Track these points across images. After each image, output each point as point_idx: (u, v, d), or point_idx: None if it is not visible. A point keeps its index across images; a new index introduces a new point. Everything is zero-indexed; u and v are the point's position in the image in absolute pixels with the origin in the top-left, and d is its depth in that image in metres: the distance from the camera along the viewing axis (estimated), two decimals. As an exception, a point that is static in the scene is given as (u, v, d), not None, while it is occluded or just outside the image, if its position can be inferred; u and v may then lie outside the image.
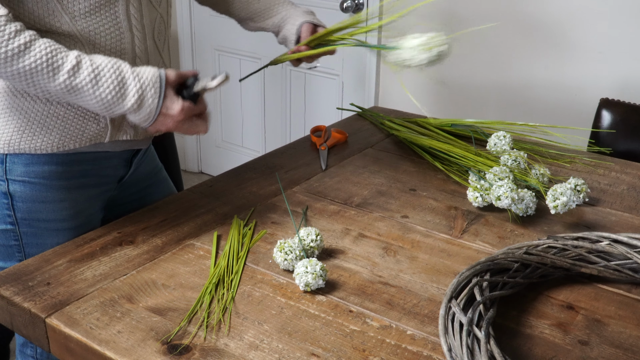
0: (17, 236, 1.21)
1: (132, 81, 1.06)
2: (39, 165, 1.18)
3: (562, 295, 1.01)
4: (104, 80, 1.05)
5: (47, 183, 1.19)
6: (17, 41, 1.01)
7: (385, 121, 1.68)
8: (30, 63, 1.02)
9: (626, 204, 1.31)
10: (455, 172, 1.40)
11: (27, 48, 1.02)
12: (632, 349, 0.89)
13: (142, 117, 1.08)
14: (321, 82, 2.81)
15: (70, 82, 1.04)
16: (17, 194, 1.18)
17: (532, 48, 2.21)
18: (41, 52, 1.02)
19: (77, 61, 1.04)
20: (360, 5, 2.54)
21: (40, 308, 0.94)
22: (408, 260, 1.09)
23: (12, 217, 1.20)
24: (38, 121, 1.15)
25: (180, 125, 1.11)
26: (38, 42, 1.03)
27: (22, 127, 1.15)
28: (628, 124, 1.78)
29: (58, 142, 1.16)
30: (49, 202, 1.20)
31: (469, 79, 2.38)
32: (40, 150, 1.16)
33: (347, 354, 0.87)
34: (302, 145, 1.58)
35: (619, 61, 2.07)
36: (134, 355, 0.86)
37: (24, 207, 1.19)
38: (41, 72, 1.03)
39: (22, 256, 1.23)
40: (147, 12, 1.20)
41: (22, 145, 1.16)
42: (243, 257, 1.08)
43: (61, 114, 1.15)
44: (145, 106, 1.07)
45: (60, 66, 1.03)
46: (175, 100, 1.08)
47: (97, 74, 1.05)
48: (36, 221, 1.20)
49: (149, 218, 1.20)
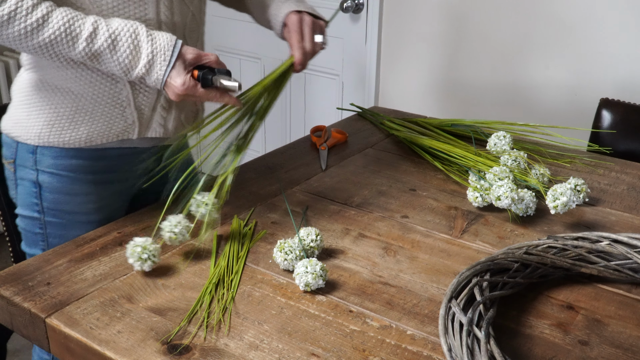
0: (42, 225, 1.25)
1: (145, 45, 1.08)
2: (67, 159, 1.21)
3: (562, 295, 1.01)
4: (121, 44, 1.07)
5: (74, 176, 1.22)
6: (35, 15, 1.03)
7: (385, 121, 1.68)
8: (49, 35, 1.04)
9: (626, 204, 1.31)
10: (455, 172, 1.40)
11: (45, 21, 1.04)
12: (632, 349, 0.89)
13: (151, 82, 1.10)
14: (321, 82, 2.81)
15: (89, 48, 1.06)
16: (45, 184, 1.22)
17: (532, 48, 2.21)
18: (59, 22, 1.04)
19: (93, 28, 1.06)
20: (360, 5, 2.54)
21: (40, 308, 0.94)
22: (408, 260, 1.09)
23: (39, 205, 1.23)
24: (67, 116, 1.18)
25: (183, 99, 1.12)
26: (55, 12, 1.04)
27: (52, 121, 1.18)
28: (628, 124, 1.78)
29: (86, 137, 1.19)
30: (75, 195, 1.23)
31: (469, 79, 2.38)
32: (68, 145, 1.19)
33: (347, 354, 0.87)
34: (302, 145, 1.58)
35: (619, 61, 2.06)
36: (134, 355, 0.86)
37: (51, 198, 1.22)
38: (61, 43, 1.05)
39: (45, 245, 1.26)
40: (179, 10, 1.20)
41: (51, 138, 1.19)
42: (243, 257, 1.08)
43: (89, 109, 1.18)
44: (153, 72, 1.09)
45: (79, 34, 1.06)
46: (182, 74, 1.09)
47: (114, 39, 1.07)
48: (61, 212, 1.23)
49: (149, 218, 1.20)
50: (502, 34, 2.25)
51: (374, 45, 2.56)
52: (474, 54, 2.34)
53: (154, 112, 1.23)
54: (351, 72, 2.69)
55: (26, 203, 1.24)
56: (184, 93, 1.09)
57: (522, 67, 2.25)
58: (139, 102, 1.20)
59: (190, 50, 1.10)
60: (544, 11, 2.15)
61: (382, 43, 2.56)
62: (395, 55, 2.53)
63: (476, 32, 2.31)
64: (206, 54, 1.11)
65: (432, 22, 2.39)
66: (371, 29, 2.55)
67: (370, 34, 2.56)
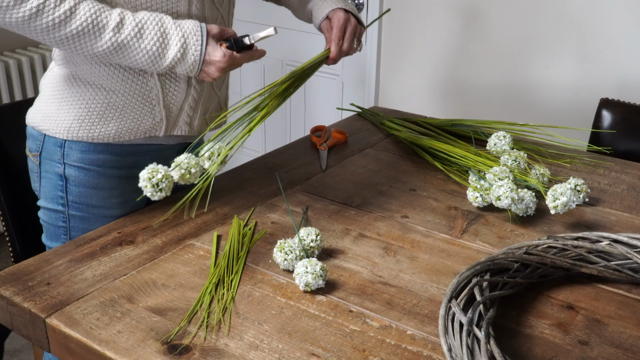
0: (66, 218, 1.26)
1: (174, 31, 1.10)
2: (95, 154, 1.22)
3: (562, 295, 1.01)
4: (148, 33, 1.09)
5: (100, 171, 1.24)
6: (62, 8, 1.04)
7: (385, 121, 1.68)
8: (76, 27, 1.06)
9: (626, 204, 1.31)
10: (455, 172, 1.40)
11: (72, 13, 1.05)
12: (632, 349, 0.89)
13: (187, 66, 1.12)
14: (321, 82, 2.81)
15: (115, 39, 1.08)
16: (71, 177, 1.23)
17: (532, 48, 2.21)
18: (85, 14, 1.06)
19: (120, 18, 1.08)
20: (360, 5, 2.54)
21: (40, 308, 0.94)
22: (408, 260, 1.09)
23: (64, 199, 1.25)
24: (97, 112, 1.19)
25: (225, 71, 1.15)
26: (82, 5, 1.06)
27: (82, 116, 1.20)
28: (628, 124, 1.78)
29: (115, 133, 1.21)
30: (100, 189, 1.25)
31: (469, 79, 2.38)
32: (97, 140, 1.21)
33: (347, 354, 0.87)
34: (302, 145, 1.58)
35: (619, 61, 2.06)
36: (134, 355, 0.86)
37: (76, 191, 1.24)
38: (87, 35, 1.07)
39: (67, 238, 1.28)
40: (210, 12, 1.22)
41: (80, 133, 1.20)
42: (243, 257, 1.08)
43: (120, 106, 1.20)
44: (189, 54, 1.11)
45: (105, 25, 1.07)
46: (218, 48, 1.12)
47: (140, 28, 1.08)
48: (85, 206, 1.25)
49: (149, 218, 1.20)
50: (502, 34, 2.25)
51: (374, 45, 2.56)
52: (474, 54, 2.34)
53: (181, 110, 1.25)
54: (351, 72, 2.69)
55: (51, 196, 1.26)
56: (227, 64, 1.12)
57: (522, 67, 2.25)
58: (168, 100, 1.23)
59: (214, 27, 1.14)
60: (544, 11, 2.15)
61: (382, 43, 2.56)
62: (395, 55, 2.53)
63: (476, 32, 2.31)
64: (225, 28, 1.16)
65: (432, 22, 2.39)
66: (371, 29, 2.55)
67: (370, 34, 2.56)
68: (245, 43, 1.15)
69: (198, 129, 1.31)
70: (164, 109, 1.23)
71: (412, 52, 2.48)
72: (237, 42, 1.15)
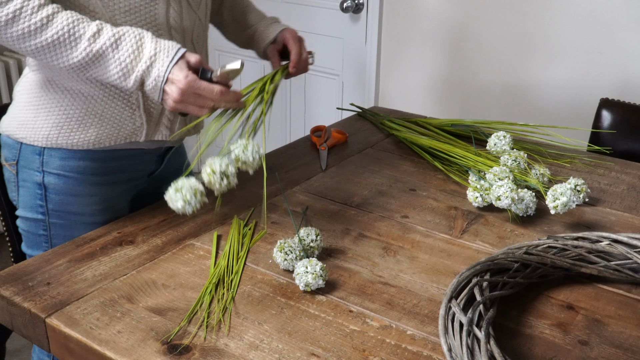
0: (46, 226, 1.24)
1: (149, 44, 1.06)
2: (74, 160, 1.20)
3: (562, 295, 1.00)
4: (125, 43, 1.06)
5: (81, 177, 1.22)
6: (40, 15, 1.02)
7: (385, 121, 1.68)
8: (52, 35, 1.03)
9: (626, 204, 1.31)
10: (455, 172, 1.40)
11: (49, 21, 1.03)
12: (632, 349, 0.89)
13: (151, 81, 1.06)
14: (321, 82, 2.81)
15: (91, 48, 1.04)
16: (51, 185, 1.21)
17: (531, 48, 2.21)
18: (62, 23, 1.03)
19: (97, 29, 1.05)
20: (360, 5, 2.54)
21: (40, 308, 0.94)
22: (408, 260, 1.09)
23: (44, 207, 1.23)
24: (76, 118, 1.17)
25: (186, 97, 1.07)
26: (60, 14, 1.04)
27: (61, 123, 1.18)
28: (628, 124, 1.78)
29: (94, 140, 1.19)
30: (81, 196, 1.23)
31: (469, 79, 2.38)
32: (76, 147, 1.19)
33: (347, 354, 0.87)
34: (302, 145, 1.58)
35: (619, 61, 2.06)
36: (134, 355, 0.86)
37: (57, 199, 1.22)
38: (63, 44, 1.04)
39: (48, 247, 1.25)
40: (187, 15, 1.20)
41: (59, 140, 1.18)
42: (243, 257, 1.08)
43: (99, 111, 1.17)
44: (154, 68, 1.06)
45: (82, 35, 1.04)
46: (184, 69, 1.06)
47: (117, 38, 1.05)
48: (66, 213, 1.23)
49: (149, 218, 1.20)
50: (502, 34, 2.25)
51: (374, 45, 2.56)
52: (474, 54, 2.34)
53: (161, 115, 1.23)
54: (351, 72, 2.69)
55: (30, 205, 1.24)
56: (186, 86, 1.05)
57: (522, 67, 2.25)
58: (149, 104, 1.21)
59: (195, 55, 1.09)
60: (544, 11, 2.15)
61: (382, 43, 2.56)
62: (395, 55, 2.53)
63: (476, 32, 2.31)
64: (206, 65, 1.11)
65: (432, 22, 2.39)
66: (371, 29, 2.55)
67: (370, 34, 2.56)
68: (206, 76, 1.09)
69: (179, 134, 1.28)
70: (145, 113, 1.20)
71: (412, 52, 2.48)
72: (202, 72, 1.09)
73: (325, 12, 2.67)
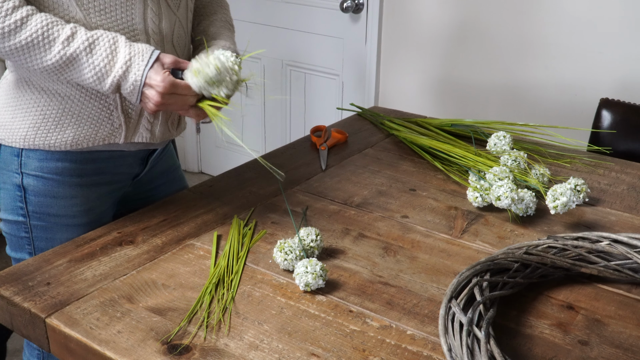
0: (28, 229, 1.23)
1: (123, 49, 1.06)
2: (52, 162, 1.19)
3: (562, 295, 1.00)
4: (99, 48, 1.05)
5: (60, 179, 1.20)
6: (14, 17, 1.02)
7: (385, 121, 1.68)
8: (26, 37, 1.03)
9: (626, 204, 1.31)
10: (455, 172, 1.40)
11: (23, 23, 1.03)
12: (632, 349, 0.89)
13: (128, 86, 1.07)
14: (321, 82, 2.81)
15: (65, 52, 1.04)
16: (30, 187, 1.20)
17: (532, 48, 2.21)
18: (37, 25, 1.03)
19: (72, 32, 1.05)
20: (360, 5, 2.54)
21: (40, 308, 0.94)
22: (408, 260, 1.09)
23: (24, 209, 1.22)
24: (53, 118, 1.16)
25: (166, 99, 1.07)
26: (35, 16, 1.03)
27: (38, 123, 1.17)
28: (628, 124, 1.78)
29: (72, 140, 1.18)
30: (61, 198, 1.22)
31: (469, 79, 2.38)
32: (54, 147, 1.18)
33: (347, 354, 0.87)
34: (302, 145, 1.58)
35: (619, 61, 2.07)
36: (134, 355, 0.86)
37: (36, 201, 1.21)
38: (37, 46, 1.03)
39: (31, 249, 1.25)
40: (166, 17, 1.19)
41: (37, 141, 1.17)
42: (243, 257, 1.08)
43: (76, 112, 1.16)
44: (131, 73, 1.06)
45: (56, 38, 1.04)
46: (160, 72, 1.06)
47: (91, 42, 1.05)
48: (47, 215, 1.22)
49: (149, 218, 1.20)
50: (502, 34, 2.25)
51: (374, 45, 2.56)
52: (474, 53, 2.34)
53: (141, 116, 1.22)
54: (351, 72, 2.69)
55: (10, 207, 1.23)
56: (166, 90, 1.06)
57: (522, 67, 2.25)
58: (127, 105, 1.19)
59: (169, 56, 1.09)
60: (544, 11, 2.15)
61: (382, 43, 2.56)
62: (395, 55, 2.53)
63: (476, 32, 2.31)
64: (182, 61, 1.10)
65: (432, 22, 2.39)
66: (371, 29, 2.55)
67: (370, 34, 2.56)
68: (178, 75, 1.09)
69: (160, 135, 1.26)
70: (123, 114, 1.19)
71: (412, 52, 2.48)
72: (174, 72, 1.09)
73: (325, 12, 2.67)
